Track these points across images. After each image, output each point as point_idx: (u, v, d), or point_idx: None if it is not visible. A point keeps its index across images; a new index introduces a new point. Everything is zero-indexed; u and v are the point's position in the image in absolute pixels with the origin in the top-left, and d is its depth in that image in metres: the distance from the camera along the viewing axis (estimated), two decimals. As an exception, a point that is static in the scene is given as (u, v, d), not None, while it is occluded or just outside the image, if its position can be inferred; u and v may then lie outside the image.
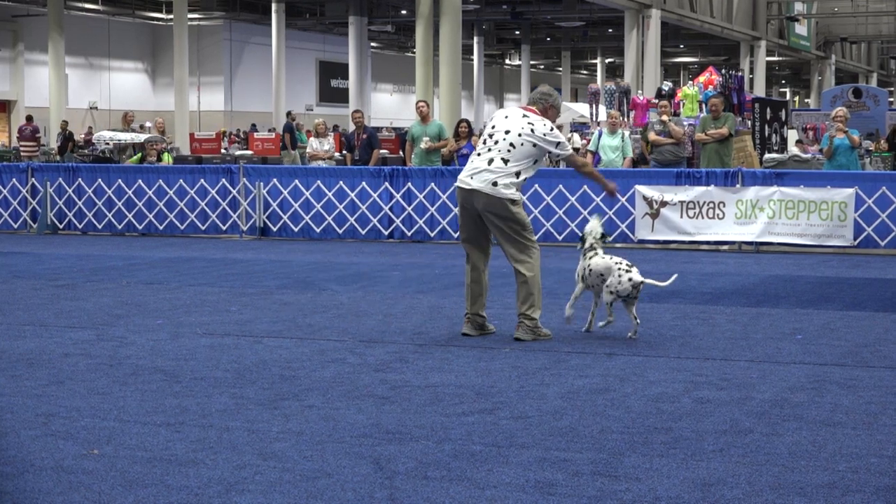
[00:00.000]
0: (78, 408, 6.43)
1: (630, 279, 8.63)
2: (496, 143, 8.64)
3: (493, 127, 8.78)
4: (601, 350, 8.25)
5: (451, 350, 8.21)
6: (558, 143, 8.72)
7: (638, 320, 8.73)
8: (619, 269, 8.69)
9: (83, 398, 6.68)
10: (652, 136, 18.00)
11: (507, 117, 8.78)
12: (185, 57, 45.78)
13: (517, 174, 8.58)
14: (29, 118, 35.33)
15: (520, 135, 8.61)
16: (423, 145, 18.40)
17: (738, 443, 5.69)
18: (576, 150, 32.78)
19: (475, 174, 8.61)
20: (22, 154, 33.78)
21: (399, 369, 7.56)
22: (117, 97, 53.53)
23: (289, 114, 32.20)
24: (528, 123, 8.67)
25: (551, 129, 8.72)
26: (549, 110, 8.87)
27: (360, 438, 5.77)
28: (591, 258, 8.87)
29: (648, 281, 8.74)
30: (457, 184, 8.78)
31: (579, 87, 74.74)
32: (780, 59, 67.05)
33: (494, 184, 8.52)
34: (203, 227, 18.03)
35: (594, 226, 8.98)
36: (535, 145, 8.62)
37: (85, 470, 5.20)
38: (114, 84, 53.85)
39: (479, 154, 8.72)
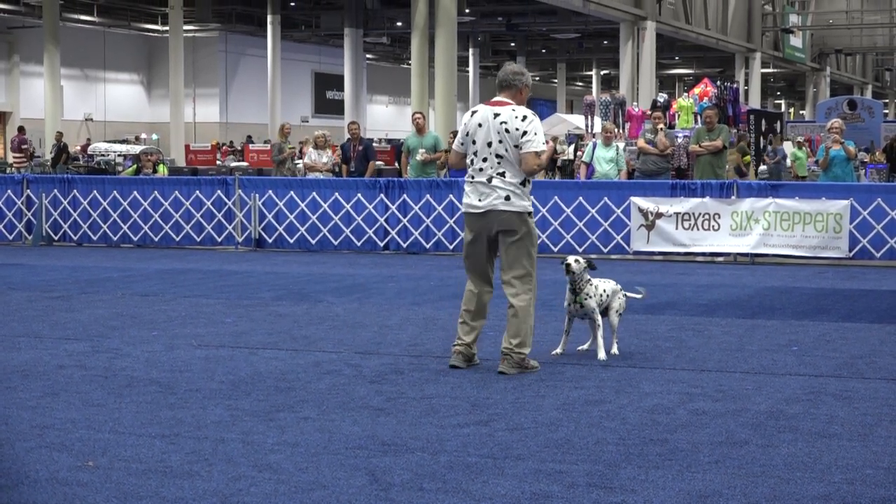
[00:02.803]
0: (73, 420, 6.41)
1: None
2: (484, 160, 8.04)
3: (473, 143, 8.12)
4: (596, 361, 8.24)
5: (447, 361, 8.18)
6: (524, 133, 7.92)
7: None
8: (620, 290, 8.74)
9: (78, 410, 6.66)
10: (640, 143, 18.14)
11: (480, 125, 8.09)
12: (181, 68, 45.86)
13: (522, 183, 8.03)
14: (20, 129, 35.29)
15: (500, 142, 7.99)
16: (418, 157, 18.43)
17: (733, 454, 5.69)
18: (570, 161, 32.81)
19: (482, 197, 8.04)
20: (14, 165, 33.78)
21: (394, 381, 7.56)
22: (113, 109, 53.58)
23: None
24: (502, 124, 8.02)
25: (524, 119, 7.96)
26: (523, 90, 8.23)
27: (356, 450, 5.76)
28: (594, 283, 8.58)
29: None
30: (465, 210, 8.19)
31: (575, 99, 74.92)
32: (776, 70, 67.26)
33: (508, 198, 7.98)
34: (198, 239, 18.02)
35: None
36: (516, 145, 8.02)
37: (80, 482, 5.19)
38: (109, 96, 53.90)
39: (473, 176, 8.12)
